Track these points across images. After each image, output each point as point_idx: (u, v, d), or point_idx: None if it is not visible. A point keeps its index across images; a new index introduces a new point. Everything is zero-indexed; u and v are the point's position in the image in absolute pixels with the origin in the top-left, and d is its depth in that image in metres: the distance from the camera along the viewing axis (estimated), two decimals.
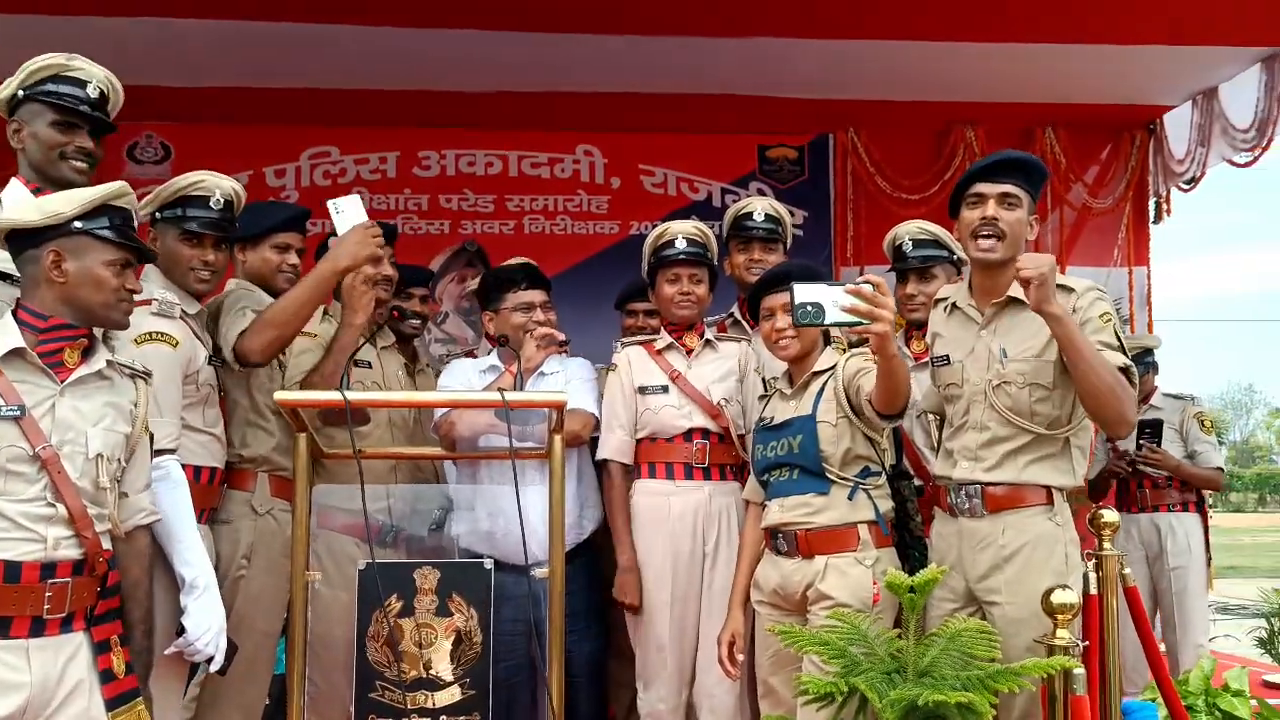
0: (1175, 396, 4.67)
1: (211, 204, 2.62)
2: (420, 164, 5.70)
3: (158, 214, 2.63)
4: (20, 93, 2.44)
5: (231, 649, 2.45)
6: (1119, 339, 2.44)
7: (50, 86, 2.43)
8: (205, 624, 2.37)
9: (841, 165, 5.81)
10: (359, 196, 2.73)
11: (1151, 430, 4.31)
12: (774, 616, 2.64)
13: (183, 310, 2.54)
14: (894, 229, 3.32)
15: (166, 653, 2.37)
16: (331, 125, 5.57)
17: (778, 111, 5.50)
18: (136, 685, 2.09)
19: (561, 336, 3.11)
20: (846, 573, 2.55)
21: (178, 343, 2.48)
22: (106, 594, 2.07)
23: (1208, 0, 4.47)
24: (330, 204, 2.69)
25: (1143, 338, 4.97)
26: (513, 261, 3.27)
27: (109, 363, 2.13)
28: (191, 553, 2.39)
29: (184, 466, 2.45)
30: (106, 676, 2.03)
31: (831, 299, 2.20)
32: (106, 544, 2.07)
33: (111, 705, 2.02)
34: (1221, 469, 4.55)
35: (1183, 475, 4.42)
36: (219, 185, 2.65)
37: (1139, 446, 4.31)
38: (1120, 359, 2.40)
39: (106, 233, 2.07)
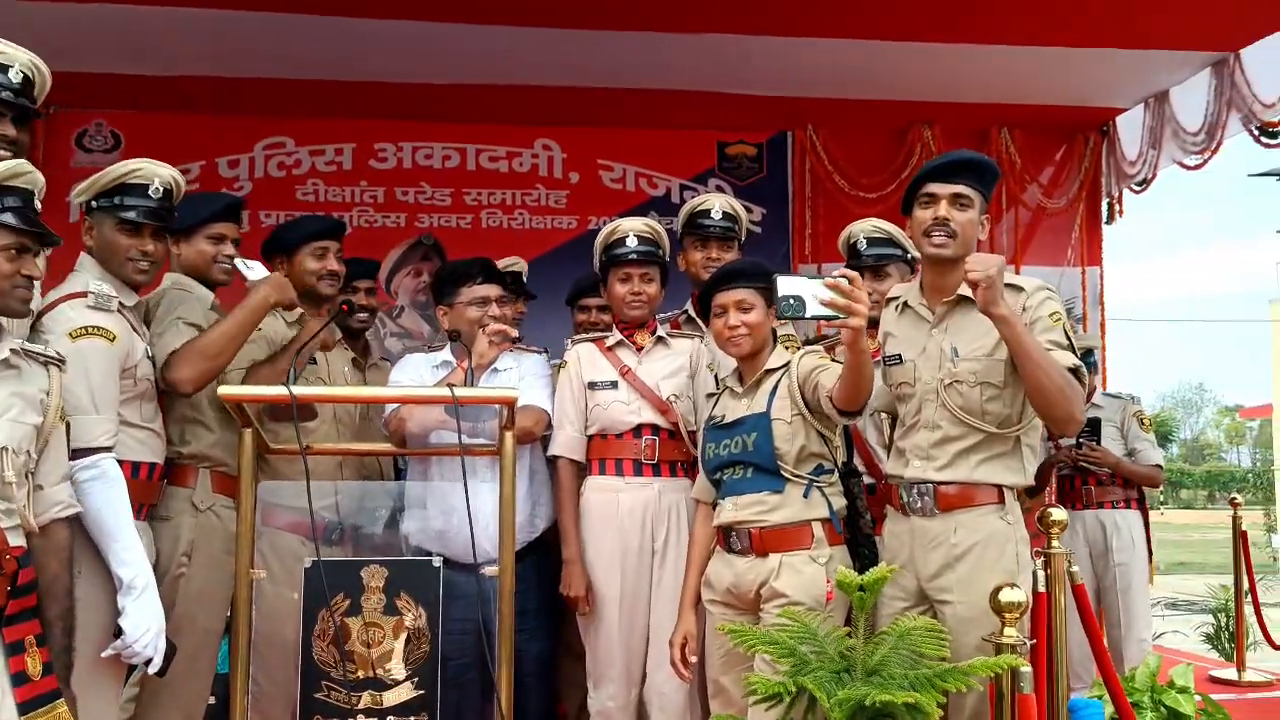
0: (1115, 396, 4.74)
1: (150, 193, 2.53)
2: (376, 156, 5.63)
3: (94, 202, 2.54)
4: None
5: (170, 650, 2.39)
6: (1069, 338, 2.45)
7: None
8: (144, 625, 2.30)
9: (800, 163, 5.82)
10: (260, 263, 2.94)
11: (1090, 428, 4.37)
12: (726, 615, 2.63)
13: (120, 303, 2.46)
14: (849, 227, 3.33)
15: (104, 655, 2.30)
16: (286, 116, 5.49)
17: (737, 108, 5.50)
18: (56, 686, 2.02)
19: (514, 333, 3.08)
20: (800, 571, 2.55)
21: (115, 337, 2.39)
22: (18, 593, 1.99)
23: (1160, 5, 4.53)
24: (237, 262, 2.84)
25: (1083, 338, 5.03)
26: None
27: (16, 350, 2.05)
28: (129, 552, 2.32)
29: (122, 462, 2.38)
30: (20, 679, 1.96)
31: (811, 292, 2.22)
32: (18, 540, 2.00)
33: (27, 709, 1.95)
34: (1160, 466, 4.62)
35: (1122, 472, 4.47)
36: (157, 174, 2.56)
37: (1078, 445, 4.37)
38: (1069, 359, 2.40)
39: None
